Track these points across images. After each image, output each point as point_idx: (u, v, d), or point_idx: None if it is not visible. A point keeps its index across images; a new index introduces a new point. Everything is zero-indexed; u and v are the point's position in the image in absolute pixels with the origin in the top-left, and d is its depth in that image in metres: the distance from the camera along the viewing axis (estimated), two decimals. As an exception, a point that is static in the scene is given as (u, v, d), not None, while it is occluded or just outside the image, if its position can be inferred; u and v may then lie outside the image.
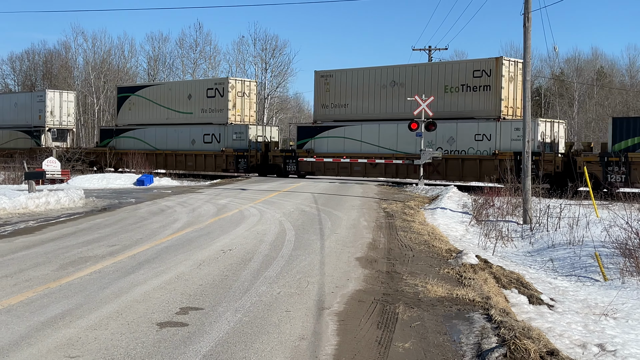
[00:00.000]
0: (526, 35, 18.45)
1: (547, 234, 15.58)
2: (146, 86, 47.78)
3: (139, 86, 49.22)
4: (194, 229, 14.15)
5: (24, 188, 23.07)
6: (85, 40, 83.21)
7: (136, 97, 45.33)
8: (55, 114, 48.82)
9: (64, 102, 49.47)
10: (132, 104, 45.64)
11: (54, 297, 7.84)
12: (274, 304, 7.72)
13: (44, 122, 48.33)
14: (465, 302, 8.12)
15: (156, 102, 44.06)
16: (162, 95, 43.89)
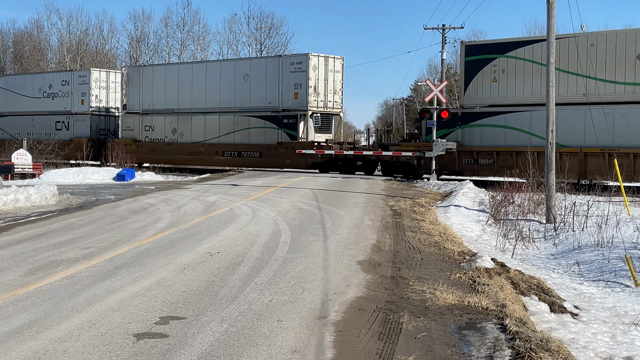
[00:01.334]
0: (550, 12, 18.42)
1: (572, 235, 15.59)
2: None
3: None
4: (178, 230, 14.18)
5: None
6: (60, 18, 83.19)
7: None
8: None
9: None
10: None
11: (21, 306, 7.86)
12: (264, 313, 7.73)
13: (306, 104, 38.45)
14: (477, 311, 8.13)
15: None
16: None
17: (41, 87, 49.22)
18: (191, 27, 74.82)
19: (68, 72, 50.37)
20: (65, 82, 48.21)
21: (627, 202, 18.63)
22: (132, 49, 76.55)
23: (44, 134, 47.87)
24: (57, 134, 47.91)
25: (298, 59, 38.40)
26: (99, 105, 47.18)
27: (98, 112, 47.46)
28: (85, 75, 47.58)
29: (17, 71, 73.21)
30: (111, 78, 48.23)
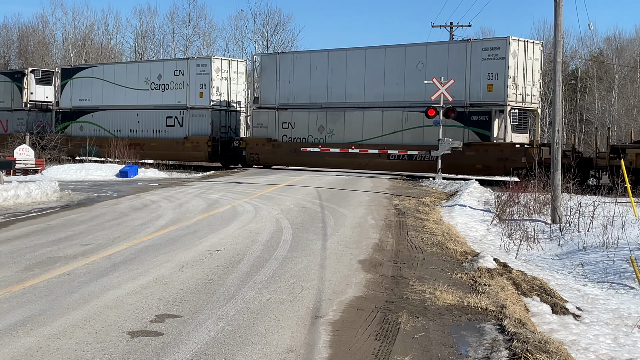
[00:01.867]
0: (557, 11, 18.37)
1: (578, 235, 15.56)
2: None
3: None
4: (179, 227, 14.19)
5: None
6: (65, 13, 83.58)
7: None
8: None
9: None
10: None
11: (16, 302, 7.87)
12: (261, 312, 7.73)
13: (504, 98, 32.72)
14: (477, 311, 8.12)
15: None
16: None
17: (148, 77, 43.00)
18: (197, 22, 74.91)
19: (183, 61, 44.05)
20: (180, 71, 42.14)
21: (633, 203, 18.57)
22: (137, 45, 76.66)
23: (150, 131, 43.00)
24: (168, 131, 42.69)
25: (493, 43, 32.31)
26: (219, 98, 40.97)
27: (219, 106, 41.76)
28: (205, 64, 41.14)
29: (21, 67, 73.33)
30: (233, 68, 42.03)
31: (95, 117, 45.29)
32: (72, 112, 45.92)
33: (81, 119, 45.55)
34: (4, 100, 49.15)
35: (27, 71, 49.25)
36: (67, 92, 46.32)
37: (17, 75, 49.58)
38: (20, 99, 48.33)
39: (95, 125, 45.21)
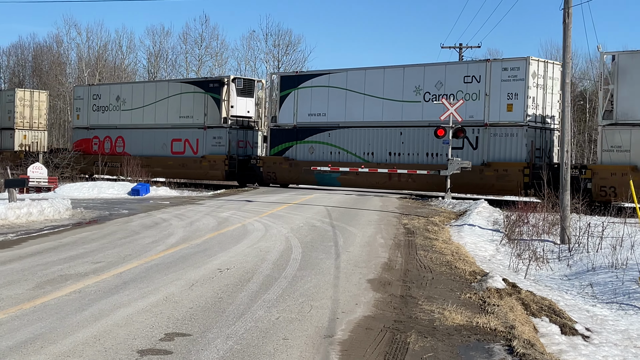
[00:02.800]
0: (566, 32, 18.36)
1: (587, 256, 15.47)
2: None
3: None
4: (189, 245, 14.18)
5: (5, 197, 23.24)
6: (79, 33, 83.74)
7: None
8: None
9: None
10: None
11: (26, 320, 7.87)
12: (270, 331, 7.70)
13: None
14: (485, 332, 8.06)
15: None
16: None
17: (419, 85, 33.23)
18: (209, 43, 75.20)
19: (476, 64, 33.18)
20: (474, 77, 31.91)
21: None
22: (150, 65, 77.09)
23: (417, 153, 33.71)
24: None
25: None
26: (534, 112, 31.14)
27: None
28: (518, 67, 30.81)
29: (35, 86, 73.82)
30: (548, 73, 31.76)
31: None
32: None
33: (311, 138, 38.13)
34: (192, 115, 41.11)
35: (227, 80, 40.45)
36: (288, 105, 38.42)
37: (214, 84, 40.81)
38: (217, 114, 39.96)
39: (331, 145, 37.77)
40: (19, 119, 51.10)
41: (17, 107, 50.76)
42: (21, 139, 51.40)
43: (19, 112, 50.90)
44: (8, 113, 51.14)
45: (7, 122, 51.39)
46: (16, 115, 50.82)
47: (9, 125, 51.21)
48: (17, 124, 51.08)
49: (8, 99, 51.30)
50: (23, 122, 51.51)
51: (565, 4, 18.20)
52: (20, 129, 51.37)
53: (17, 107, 50.72)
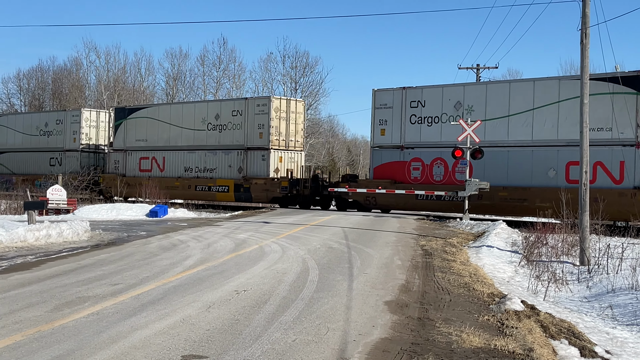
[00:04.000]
0: (584, 53, 18.34)
1: (606, 277, 15.34)
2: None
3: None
4: (206, 267, 14.21)
5: (25, 219, 23.40)
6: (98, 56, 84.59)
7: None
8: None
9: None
10: None
11: (45, 342, 7.91)
12: (287, 353, 7.69)
13: None
14: (504, 354, 8.01)
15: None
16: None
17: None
18: (227, 65, 75.61)
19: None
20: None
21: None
22: (168, 87, 77.60)
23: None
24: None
25: None
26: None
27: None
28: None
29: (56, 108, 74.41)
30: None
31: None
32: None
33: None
34: None
35: None
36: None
37: None
38: None
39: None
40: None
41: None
42: None
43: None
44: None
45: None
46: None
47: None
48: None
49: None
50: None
51: (582, 25, 18.18)
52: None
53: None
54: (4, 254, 16.07)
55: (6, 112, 76.75)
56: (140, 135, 46.21)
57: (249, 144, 40.76)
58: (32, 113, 62.89)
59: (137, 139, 46.38)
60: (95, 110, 53.42)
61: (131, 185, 44.01)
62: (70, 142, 50.55)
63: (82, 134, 49.87)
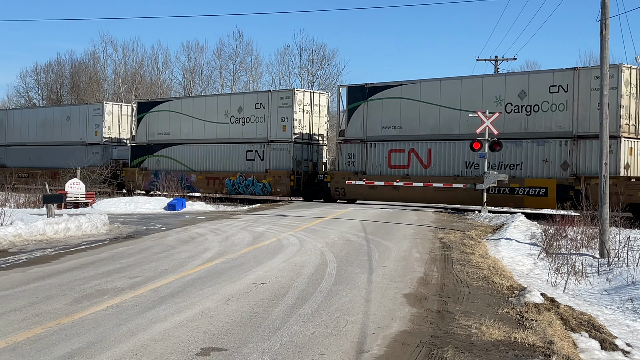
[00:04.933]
0: (603, 44, 18.18)
1: (626, 270, 15.23)
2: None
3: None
4: (225, 260, 14.24)
5: (43, 212, 23.56)
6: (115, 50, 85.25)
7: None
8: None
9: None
10: None
11: (64, 334, 7.95)
12: (306, 346, 7.69)
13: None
14: (524, 347, 7.97)
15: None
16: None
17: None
18: (243, 58, 75.72)
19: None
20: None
21: (684, 237, 18.12)
22: (185, 80, 77.77)
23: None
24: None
25: None
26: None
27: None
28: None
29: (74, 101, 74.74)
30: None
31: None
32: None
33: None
34: None
35: None
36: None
37: None
38: None
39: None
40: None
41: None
42: None
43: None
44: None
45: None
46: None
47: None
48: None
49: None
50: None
51: (602, 16, 18.02)
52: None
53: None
54: (23, 247, 16.17)
55: None
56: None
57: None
58: None
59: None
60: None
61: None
62: None
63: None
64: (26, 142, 55.11)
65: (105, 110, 49.99)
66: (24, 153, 55.06)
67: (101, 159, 48.07)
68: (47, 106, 70.24)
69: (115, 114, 50.55)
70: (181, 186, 39.73)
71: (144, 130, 46.75)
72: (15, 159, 55.57)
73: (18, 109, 67.72)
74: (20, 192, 37.57)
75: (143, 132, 47.16)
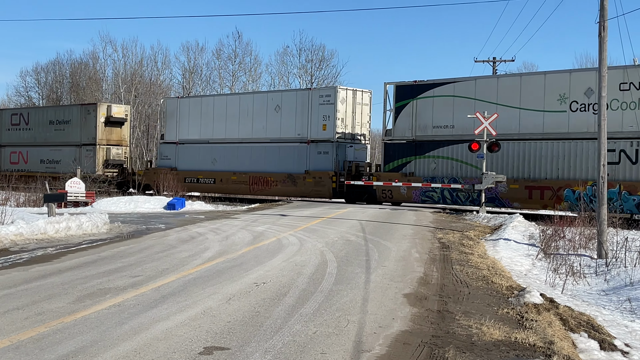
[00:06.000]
0: (602, 46, 18.20)
1: (624, 271, 15.25)
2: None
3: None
4: (225, 259, 14.24)
5: (44, 211, 23.54)
6: (115, 50, 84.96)
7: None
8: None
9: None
10: None
11: (68, 333, 7.95)
12: (308, 345, 7.70)
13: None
14: (524, 347, 7.98)
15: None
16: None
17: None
18: (242, 58, 75.67)
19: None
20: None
21: (682, 238, 18.14)
22: (184, 80, 77.70)
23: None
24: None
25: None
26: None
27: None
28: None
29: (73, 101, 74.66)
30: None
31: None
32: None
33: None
34: None
35: None
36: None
37: None
38: None
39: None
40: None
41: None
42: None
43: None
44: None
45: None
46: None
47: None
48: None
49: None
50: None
51: (600, 17, 18.03)
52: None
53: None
54: (24, 246, 16.16)
55: None
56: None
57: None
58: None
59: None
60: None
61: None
62: None
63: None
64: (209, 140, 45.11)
65: (338, 97, 39.40)
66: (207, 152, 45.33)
67: (333, 161, 39.11)
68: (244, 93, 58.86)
69: (349, 103, 40.09)
70: None
71: (407, 123, 36.14)
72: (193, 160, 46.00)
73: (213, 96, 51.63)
74: (20, 191, 37.47)
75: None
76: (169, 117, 45.86)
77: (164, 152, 46.20)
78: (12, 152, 54.92)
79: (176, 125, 45.33)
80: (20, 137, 54.60)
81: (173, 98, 48.74)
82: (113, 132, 49.98)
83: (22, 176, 47.00)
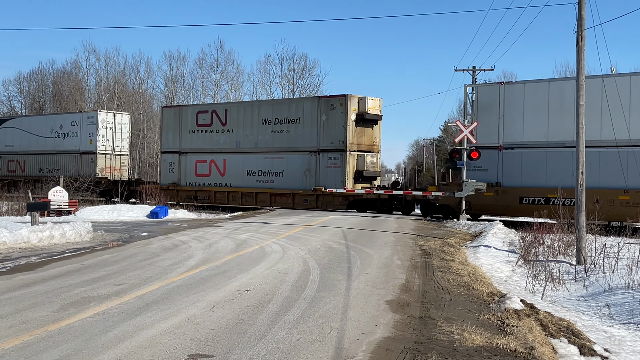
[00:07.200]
0: (579, 55, 18.36)
1: (603, 277, 15.36)
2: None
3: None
4: (209, 267, 14.21)
5: (27, 220, 23.39)
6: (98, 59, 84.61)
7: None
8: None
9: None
10: None
11: (52, 341, 7.90)
12: (292, 352, 7.69)
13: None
14: (506, 353, 8.02)
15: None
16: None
17: None
18: (225, 67, 75.75)
19: None
20: None
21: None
22: (167, 89, 77.54)
23: None
24: None
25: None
26: None
27: None
28: None
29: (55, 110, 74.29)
30: None
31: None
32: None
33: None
34: None
35: None
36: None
37: None
38: None
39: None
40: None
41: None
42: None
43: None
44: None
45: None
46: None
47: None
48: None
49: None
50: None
51: (578, 27, 18.20)
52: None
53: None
54: (7, 255, 16.06)
55: None
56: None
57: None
58: None
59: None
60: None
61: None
62: None
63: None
64: None
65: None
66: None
67: None
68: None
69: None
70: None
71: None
72: None
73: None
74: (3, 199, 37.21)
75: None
76: None
77: None
78: (198, 162, 44.01)
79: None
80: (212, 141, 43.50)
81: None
82: (364, 133, 39.28)
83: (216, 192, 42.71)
